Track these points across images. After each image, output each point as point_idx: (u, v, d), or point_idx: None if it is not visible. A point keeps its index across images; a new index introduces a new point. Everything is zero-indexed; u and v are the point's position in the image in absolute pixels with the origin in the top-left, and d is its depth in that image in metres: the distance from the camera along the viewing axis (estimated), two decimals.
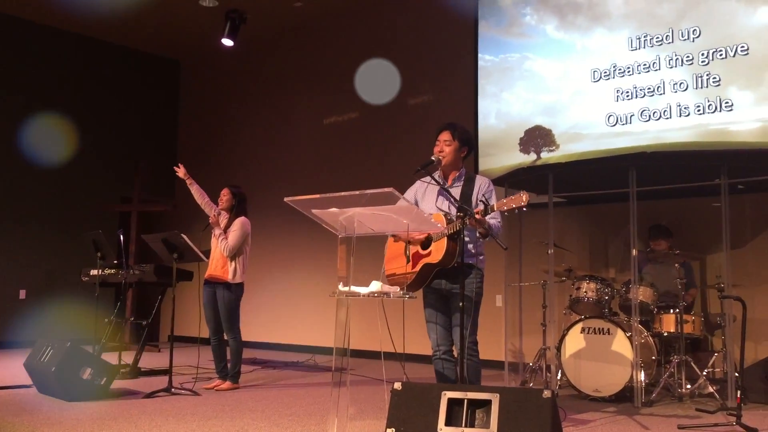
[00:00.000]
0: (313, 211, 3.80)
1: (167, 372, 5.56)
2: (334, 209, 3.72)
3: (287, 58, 9.82)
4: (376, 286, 3.68)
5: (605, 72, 6.71)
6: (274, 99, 9.94)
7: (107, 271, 6.93)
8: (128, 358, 6.65)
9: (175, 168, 6.13)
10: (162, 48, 10.75)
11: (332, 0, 8.72)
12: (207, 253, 5.87)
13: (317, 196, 3.71)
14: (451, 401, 3.15)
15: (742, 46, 5.93)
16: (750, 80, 5.89)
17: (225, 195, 5.96)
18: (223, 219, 5.93)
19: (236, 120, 10.27)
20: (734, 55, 5.97)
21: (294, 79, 9.69)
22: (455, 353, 3.94)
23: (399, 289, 3.74)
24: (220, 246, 5.75)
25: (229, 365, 5.84)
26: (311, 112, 9.40)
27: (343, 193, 3.62)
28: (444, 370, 3.99)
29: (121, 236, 6.90)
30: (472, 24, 7.76)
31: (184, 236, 5.59)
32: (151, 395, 5.29)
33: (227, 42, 9.08)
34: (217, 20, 9.09)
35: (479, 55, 7.65)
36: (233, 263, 5.75)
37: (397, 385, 3.32)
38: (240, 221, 5.83)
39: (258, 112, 10.12)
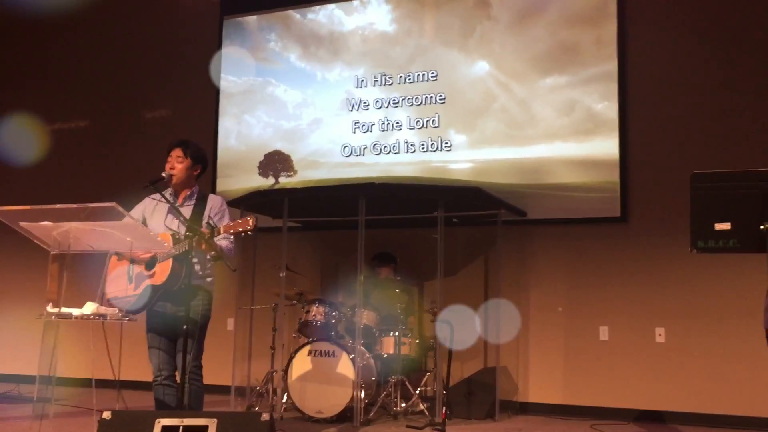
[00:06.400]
0: (22, 224, 3.46)
1: None
2: (47, 222, 3.43)
3: (11, 53, 8.82)
4: (91, 307, 3.44)
5: (342, 104, 7.02)
6: None
7: None
8: None
9: None
10: None
11: None
12: None
13: (27, 207, 3.39)
14: (165, 429, 3.03)
15: (461, 94, 6.60)
16: (466, 125, 6.56)
17: None
18: None
19: None
20: (454, 101, 6.61)
21: (16, 77, 8.72)
22: (178, 378, 3.80)
23: (118, 311, 3.53)
24: None
25: None
26: (34, 115, 8.52)
27: (58, 206, 3.36)
28: (164, 396, 3.82)
29: None
30: (216, 42, 7.66)
31: None
32: None
33: None
34: None
35: (222, 75, 7.56)
36: None
37: (106, 414, 3.10)
38: None
39: None
